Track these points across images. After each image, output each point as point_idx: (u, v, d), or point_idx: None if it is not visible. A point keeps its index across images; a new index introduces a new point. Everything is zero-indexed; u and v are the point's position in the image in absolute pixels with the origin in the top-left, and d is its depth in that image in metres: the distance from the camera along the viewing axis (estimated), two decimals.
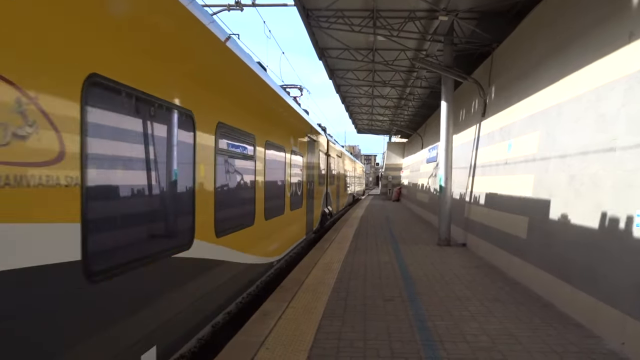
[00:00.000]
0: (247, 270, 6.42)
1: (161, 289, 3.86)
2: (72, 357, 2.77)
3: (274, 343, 4.91)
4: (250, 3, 12.91)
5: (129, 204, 3.44)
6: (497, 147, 10.28)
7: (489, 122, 11.30)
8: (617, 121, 5.47)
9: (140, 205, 3.60)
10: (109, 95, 3.12)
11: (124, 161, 3.36)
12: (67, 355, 2.74)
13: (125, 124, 3.35)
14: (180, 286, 4.21)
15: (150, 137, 3.68)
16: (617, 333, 5.01)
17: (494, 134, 10.66)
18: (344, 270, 8.73)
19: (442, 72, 12.23)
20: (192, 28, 4.40)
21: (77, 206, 2.78)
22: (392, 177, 41.11)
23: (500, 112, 10.45)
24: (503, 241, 9.18)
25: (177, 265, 4.11)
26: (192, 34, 4.45)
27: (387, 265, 9.29)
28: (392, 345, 4.91)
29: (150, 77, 3.58)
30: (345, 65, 17.34)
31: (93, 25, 2.94)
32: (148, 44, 3.59)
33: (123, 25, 3.27)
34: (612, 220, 5.35)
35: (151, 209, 3.77)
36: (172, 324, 4.06)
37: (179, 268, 4.17)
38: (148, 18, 3.64)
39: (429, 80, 18.38)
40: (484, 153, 11.34)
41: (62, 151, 2.65)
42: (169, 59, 3.93)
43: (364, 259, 9.95)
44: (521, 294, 7.15)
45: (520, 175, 8.55)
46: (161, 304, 3.84)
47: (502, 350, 4.81)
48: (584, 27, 6.69)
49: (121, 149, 3.31)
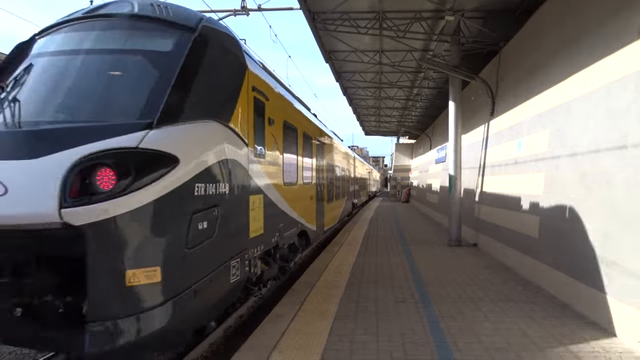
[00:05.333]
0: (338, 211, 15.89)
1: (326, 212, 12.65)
2: (324, 220, 12.17)
3: (287, 346, 4.93)
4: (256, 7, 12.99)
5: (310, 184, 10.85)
6: (506, 146, 10.23)
7: (498, 121, 11.25)
8: (628, 118, 5.43)
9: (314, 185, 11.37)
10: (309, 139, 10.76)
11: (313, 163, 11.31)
12: (324, 219, 12.18)
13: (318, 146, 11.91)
14: (332, 209, 13.98)
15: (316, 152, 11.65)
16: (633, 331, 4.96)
17: (503, 133, 10.61)
18: (355, 272, 8.73)
19: (449, 72, 12.21)
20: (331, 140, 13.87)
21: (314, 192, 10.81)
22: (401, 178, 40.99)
23: (508, 110, 10.40)
24: (514, 241, 9.12)
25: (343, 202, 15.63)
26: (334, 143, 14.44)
27: (398, 267, 9.27)
28: (406, 346, 4.91)
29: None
30: (352, 67, 17.35)
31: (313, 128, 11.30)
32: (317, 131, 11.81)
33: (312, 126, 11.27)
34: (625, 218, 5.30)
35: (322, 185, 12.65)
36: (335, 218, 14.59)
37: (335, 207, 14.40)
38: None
39: (436, 80, 18.33)
40: (494, 152, 11.28)
41: None
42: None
43: (375, 261, 9.94)
44: (534, 294, 7.10)
45: (530, 174, 8.50)
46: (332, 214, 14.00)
47: (517, 351, 4.78)
48: (592, 23, 6.66)
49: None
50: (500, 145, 10.78)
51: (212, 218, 4.69)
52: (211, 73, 4.95)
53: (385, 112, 29.07)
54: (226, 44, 5.51)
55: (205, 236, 4.56)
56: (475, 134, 13.65)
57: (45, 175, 3.75)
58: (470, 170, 13.24)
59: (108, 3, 5.44)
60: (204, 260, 4.57)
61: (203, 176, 4.51)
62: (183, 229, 4.25)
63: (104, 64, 4.80)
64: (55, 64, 4.85)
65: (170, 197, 4.08)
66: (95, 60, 4.84)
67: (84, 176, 3.80)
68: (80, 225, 3.68)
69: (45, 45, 5.14)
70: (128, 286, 3.82)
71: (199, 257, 4.45)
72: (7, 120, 4.34)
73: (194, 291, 4.37)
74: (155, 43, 4.95)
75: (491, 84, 11.97)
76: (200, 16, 5.39)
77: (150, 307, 3.94)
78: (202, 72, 4.80)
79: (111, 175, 3.82)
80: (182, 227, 4.25)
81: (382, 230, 16.10)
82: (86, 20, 5.17)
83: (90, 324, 3.75)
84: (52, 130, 4.09)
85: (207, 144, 4.70)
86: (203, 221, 4.52)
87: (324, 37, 13.77)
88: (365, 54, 15.46)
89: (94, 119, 4.28)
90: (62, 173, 3.74)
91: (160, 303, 4.00)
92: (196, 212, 4.41)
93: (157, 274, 3.95)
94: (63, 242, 3.75)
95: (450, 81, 12.48)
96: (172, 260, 4.10)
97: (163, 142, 4.12)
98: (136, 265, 3.86)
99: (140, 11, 5.16)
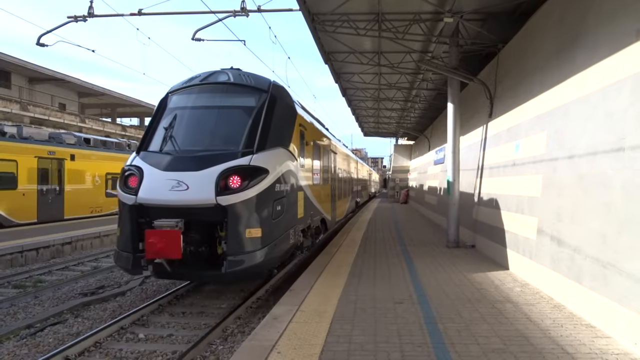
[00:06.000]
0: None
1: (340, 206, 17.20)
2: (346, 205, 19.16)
3: (285, 347, 4.94)
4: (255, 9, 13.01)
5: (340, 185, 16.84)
6: (504, 148, 10.26)
7: (496, 123, 11.28)
8: (625, 120, 5.46)
9: (341, 186, 17.25)
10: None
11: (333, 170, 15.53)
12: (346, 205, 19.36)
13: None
14: (347, 202, 19.68)
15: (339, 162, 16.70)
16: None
17: (501, 134, 10.64)
18: (353, 273, 8.75)
19: (448, 73, 12.24)
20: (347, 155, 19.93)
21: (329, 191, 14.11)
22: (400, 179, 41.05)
23: (507, 112, 10.43)
24: (512, 242, 9.15)
25: (348, 200, 20.10)
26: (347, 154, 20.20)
27: (396, 268, 9.29)
28: (403, 347, 4.92)
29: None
30: (351, 68, 17.38)
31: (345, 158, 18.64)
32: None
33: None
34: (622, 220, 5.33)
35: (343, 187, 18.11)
36: (345, 210, 19.05)
37: (348, 200, 20.15)
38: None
39: (435, 82, 18.37)
40: (492, 154, 11.31)
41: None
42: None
43: (373, 262, 9.96)
44: (532, 295, 7.12)
45: (528, 175, 8.53)
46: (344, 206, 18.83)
47: (514, 352, 4.80)
48: (590, 25, 6.69)
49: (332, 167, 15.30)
50: (498, 147, 10.81)
51: (282, 204, 8.04)
52: (279, 118, 8.40)
53: (384, 114, 29.12)
54: (286, 98, 8.99)
55: (280, 213, 7.93)
56: (473, 135, 13.68)
57: (207, 179, 7.15)
58: (469, 172, 13.26)
59: (212, 73, 8.88)
60: (279, 227, 7.90)
61: (279, 180, 7.91)
62: (270, 208, 7.60)
63: (221, 115, 8.27)
64: (193, 114, 8.36)
65: (265, 191, 7.47)
66: (215, 112, 8.31)
67: (225, 180, 7.21)
68: (225, 205, 7.11)
69: (180, 100, 8.64)
70: (247, 237, 7.19)
71: (277, 225, 7.82)
72: (178, 148, 7.86)
73: (274, 244, 7.63)
74: (246, 101, 8.36)
75: (489, 85, 12.00)
76: (269, 81, 8.78)
77: (256, 249, 7.23)
78: (274, 118, 8.24)
79: (238, 180, 7.26)
80: (269, 208, 7.60)
81: (380, 232, 16.11)
82: (202, 85, 8.70)
83: (228, 256, 7.07)
84: (206, 155, 7.53)
85: (280, 161, 8.07)
86: (278, 205, 7.88)
87: (324, 38, 13.80)
88: (364, 55, 15.49)
89: (223, 149, 7.73)
90: (215, 178, 7.17)
91: (260, 247, 7.28)
92: (276, 200, 7.80)
93: (259, 232, 7.27)
94: (216, 213, 7.16)
95: (449, 83, 12.51)
96: (266, 225, 7.44)
97: (260, 161, 7.57)
98: (250, 226, 7.20)
99: (234, 80, 8.63)
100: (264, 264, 7.37)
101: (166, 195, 7.15)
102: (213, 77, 8.78)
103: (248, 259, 7.11)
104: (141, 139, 8.41)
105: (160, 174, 7.38)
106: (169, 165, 7.48)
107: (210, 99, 8.47)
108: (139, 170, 7.58)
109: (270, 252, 7.44)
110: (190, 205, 7.11)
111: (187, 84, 8.87)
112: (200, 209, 7.15)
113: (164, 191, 7.17)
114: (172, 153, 7.76)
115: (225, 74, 8.75)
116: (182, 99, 8.63)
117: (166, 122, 8.32)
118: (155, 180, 7.35)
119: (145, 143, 8.29)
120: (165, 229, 7.08)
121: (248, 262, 7.10)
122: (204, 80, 8.77)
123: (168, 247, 6.93)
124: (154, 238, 6.95)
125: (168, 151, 7.86)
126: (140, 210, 7.38)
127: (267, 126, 8.01)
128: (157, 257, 7.00)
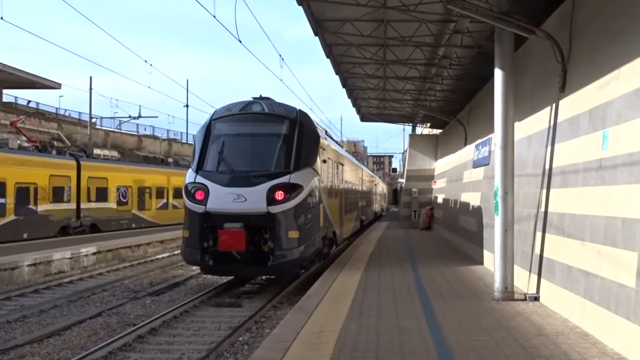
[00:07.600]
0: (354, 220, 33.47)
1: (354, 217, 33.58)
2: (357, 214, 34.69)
3: None
4: None
5: (354, 198, 32.92)
6: (585, 141, 10.19)
7: (572, 101, 11.26)
8: None
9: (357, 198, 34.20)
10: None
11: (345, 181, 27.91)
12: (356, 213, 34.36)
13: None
14: (352, 219, 32.32)
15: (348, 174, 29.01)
16: None
17: (580, 118, 10.56)
18: None
19: (494, 21, 12.23)
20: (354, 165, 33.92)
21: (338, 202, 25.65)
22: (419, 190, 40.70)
23: (590, 84, 10.35)
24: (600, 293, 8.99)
25: (353, 217, 33.25)
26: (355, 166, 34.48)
27: (416, 344, 9.05)
28: None
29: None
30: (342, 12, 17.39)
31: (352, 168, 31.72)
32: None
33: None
34: None
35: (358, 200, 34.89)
36: (355, 218, 34.24)
37: (353, 217, 33.27)
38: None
39: (475, 35, 18.35)
40: (565, 150, 11.28)
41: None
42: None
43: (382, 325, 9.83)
44: None
45: (623, 185, 8.43)
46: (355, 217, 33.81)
47: None
48: None
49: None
50: (576, 139, 10.73)
51: (311, 213, 17.47)
52: (307, 143, 17.84)
53: (394, 85, 28.92)
54: (311, 125, 18.71)
55: (310, 221, 17.31)
56: (536, 120, 13.71)
57: (260, 193, 16.22)
58: (528, 179, 13.20)
59: (248, 104, 18.04)
60: (310, 232, 17.30)
61: (309, 194, 17.33)
62: (303, 216, 16.93)
63: (261, 141, 18.08)
64: (238, 140, 18.25)
65: (301, 203, 16.73)
66: (256, 139, 18.10)
67: (273, 194, 16.28)
68: (273, 213, 16.24)
69: (224, 128, 17.94)
70: (289, 237, 16.27)
71: (309, 230, 17.24)
72: (233, 168, 17.06)
73: (307, 244, 16.80)
74: (279, 128, 17.72)
75: (561, 41, 11.96)
76: (296, 110, 18.17)
77: (295, 247, 16.34)
78: (304, 143, 17.61)
79: (282, 193, 16.31)
80: (303, 215, 16.94)
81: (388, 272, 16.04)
82: (240, 114, 17.90)
83: (275, 252, 16.06)
84: (256, 175, 16.78)
85: (310, 178, 17.57)
86: (309, 214, 17.28)
87: (314, 5, 13.96)
88: None
89: (268, 169, 17.23)
90: (265, 193, 16.26)
91: (297, 246, 16.39)
92: (307, 209, 17.18)
93: (297, 234, 16.35)
94: (266, 219, 16.30)
95: (496, 37, 12.63)
96: (302, 228, 16.66)
97: (297, 179, 16.79)
98: (291, 229, 16.35)
99: (268, 110, 17.76)
100: (300, 259, 16.25)
101: (230, 205, 15.77)
102: (249, 107, 17.76)
103: (290, 254, 15.85)
104: (197, 160, 17.08)
105: (223, 189, 16.02)
106: (229, 182, 16.21)
107: (250, 127, 17.78)
108: (204, 186, 16.08)
109: (304, 251, 16.24)
110: (248, 213, 15.80)
111: (227, 112, 17.81)
112: (255, 215, 15.84)
113: (228, 202, 15.76)
114: (229, 172, 16.71)
115: (259, 104, 17.76)
116: (226, 127, 17.73)
117: (217, 147, 17.25)
118: (219, 194, 15.92)
119: (202, 163, 16.98)
120: (233, 230, 15.65)
121: (290, 257, 15.85)
122: (242, 110, 17.72)
123: (236, 242, 15.57)
124: (225, 236, 15.55)
125: (223, 171, 16.80)
126: (206, 217, 15.92)
127: (299, 149, 17.01)
128: (228, 249, 15.72)
